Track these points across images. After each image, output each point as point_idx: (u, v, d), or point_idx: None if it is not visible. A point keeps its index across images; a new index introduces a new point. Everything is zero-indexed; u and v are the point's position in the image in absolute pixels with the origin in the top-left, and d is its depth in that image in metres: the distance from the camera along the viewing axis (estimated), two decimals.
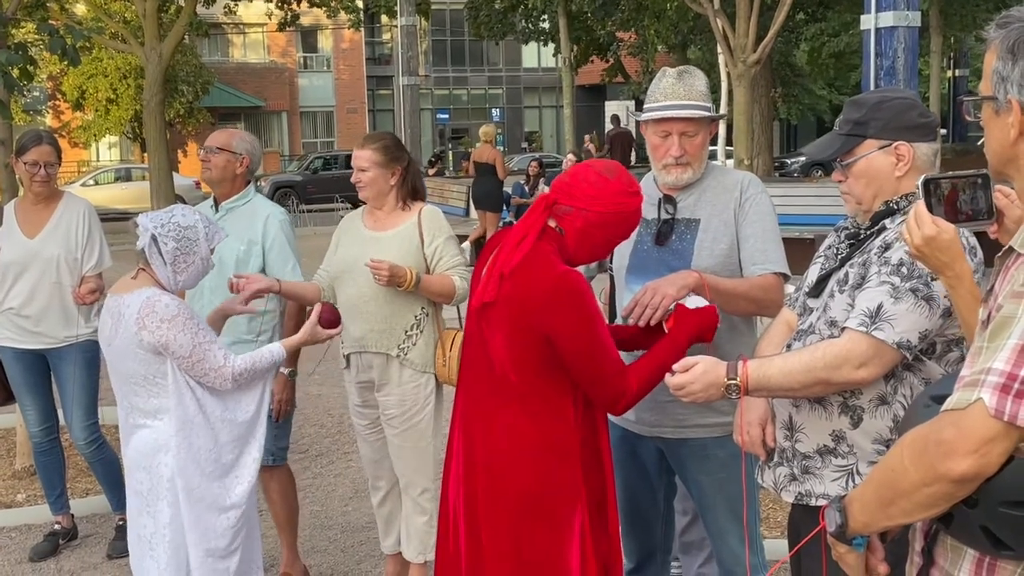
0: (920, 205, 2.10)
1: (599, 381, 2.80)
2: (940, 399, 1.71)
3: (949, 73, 34.83)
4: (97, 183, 28.50)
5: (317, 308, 3.70)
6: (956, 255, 2.13)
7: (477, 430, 2.91)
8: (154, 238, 3.38)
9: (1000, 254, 1.80)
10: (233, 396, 3.47)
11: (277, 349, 3.57)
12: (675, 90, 3.22)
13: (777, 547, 4.33)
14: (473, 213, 17.66)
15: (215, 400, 3.43)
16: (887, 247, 2.48)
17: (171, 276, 3.41)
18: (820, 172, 26.69)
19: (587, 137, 28.00)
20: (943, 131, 29.82)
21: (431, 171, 28.95)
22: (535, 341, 2.77)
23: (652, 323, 2.98)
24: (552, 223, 2.89)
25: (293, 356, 4.29)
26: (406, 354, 4.20)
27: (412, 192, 4.30)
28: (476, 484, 2.90)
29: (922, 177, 2.11)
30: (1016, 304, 1.62)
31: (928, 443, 1.65)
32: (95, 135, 34.46)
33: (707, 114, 3.25)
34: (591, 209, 2.85)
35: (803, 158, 31.18)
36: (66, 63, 6.67)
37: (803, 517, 2.60)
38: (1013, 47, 1.75)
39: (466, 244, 15.33)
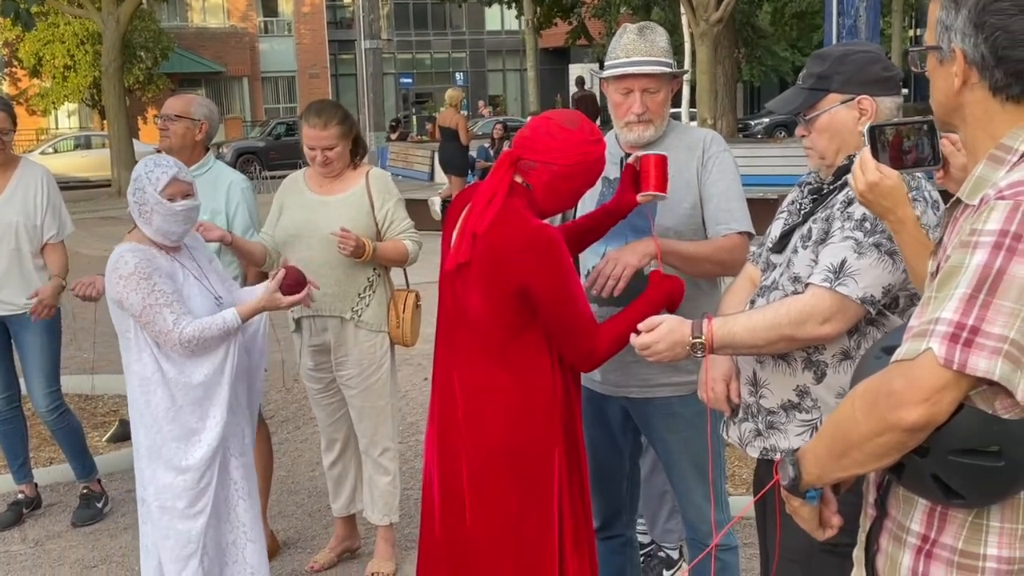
0: (865, 152, 2.13)
1: (572, 334, 2.82)
2: (891, 350, 1.71)
3: (911, 32, 34.96)
4: (56, 151, 28.18)
5: (280, 272, 3.58)
6: (899, 200, 2.17)
7: (456, 390, 2.93)
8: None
9: (948, 205, 1.82)
10: (190, 359, 3.44)
11: (230, 316, 3.46)
12: (636, 46, 3.20)
13: (742, 504, 4.37)
14: (439, 177, 17.64)
15: (170, 361, 3.43)
16: (850, 202, 2.47)
17: (146, 228, 3.45)
18: (783, 133, 26.80)
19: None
20: (905, 90, 29.90)
21: (393, 136, 28.77)
22: (512, 297, 2.78)
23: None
24: (518, 179, 2.89)
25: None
26: (360, 316, 4.22)
27: (364, 149, 4.32)
28: (456, 442, 2.92)
29: (867, 124, 2.13)
30: (963, 254, 1.62)
31: (879, 394, 1.66)
32: (53, 102, 33.96)
33: (669, 70, 3.23)
34: (557, 162, 2.85)
35: (767, 120, 31.31)
36: (21, 28, 6.57)
37: (768, 472, 2.61)
38: None
39: (435, 198, 15.39)
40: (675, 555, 4.44)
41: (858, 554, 1.97)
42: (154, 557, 3.52)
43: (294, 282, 3.57)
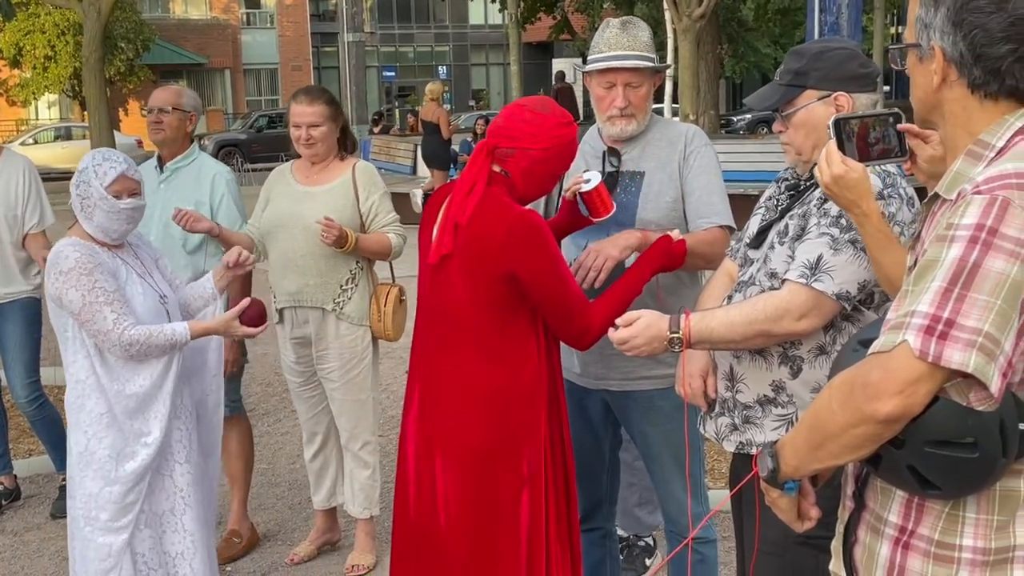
0: (831, 144, 2.16)
1: (565, 316, 2.83)
2: (868, 343, 1.73)
3: (892, 30, 35.08)
4: (37, 142, 28.01)
5: (244, 302, 3.48)
6: (863, 193, 2.20)
7: (438, 384, 2.93)
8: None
9: (926, 200, 1.84)
10: (127, 366, 3.31)
11: (181, 329, 3.34)
12: (619, 41, 3.21)
13: (721, 498, 4.39)
14: (421, 171, 17.61)
15: (105, 367, 3.31)
16: (826, 198, 2.49)
17: (86, 223, 3.33)
18: (766, 130, 26.85)
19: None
20: (886, 87, 30.05)
21: (375, 129, 28.73)
22: (497, 285, 2.80)
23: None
24: (496, 167, 2.91)
25: None
26: (342, 308, 4.22)
27: (353, 143, 4.33)
28: (441, 436, 2.92)
29: (833, 117, 2.16)
30: (940, 247, 1.64)
31: (855, 385, 1.67)
32: (34, 93, 33.75)
33: (651, 64, 3.24)
34: (533, 147, 2.87)
35: (749, 116, 31.39)
36: (1, 18, 6.54)
37: (744, 466, 2.63)
38: None
39: (417, 191, 15.37)
40: (651, 543, 4.47)
41: (836, 545, 2.00)
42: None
43: (256, 315, 3.48)
